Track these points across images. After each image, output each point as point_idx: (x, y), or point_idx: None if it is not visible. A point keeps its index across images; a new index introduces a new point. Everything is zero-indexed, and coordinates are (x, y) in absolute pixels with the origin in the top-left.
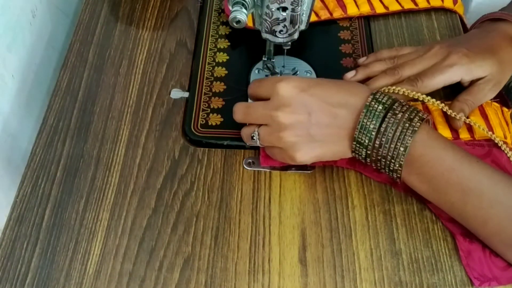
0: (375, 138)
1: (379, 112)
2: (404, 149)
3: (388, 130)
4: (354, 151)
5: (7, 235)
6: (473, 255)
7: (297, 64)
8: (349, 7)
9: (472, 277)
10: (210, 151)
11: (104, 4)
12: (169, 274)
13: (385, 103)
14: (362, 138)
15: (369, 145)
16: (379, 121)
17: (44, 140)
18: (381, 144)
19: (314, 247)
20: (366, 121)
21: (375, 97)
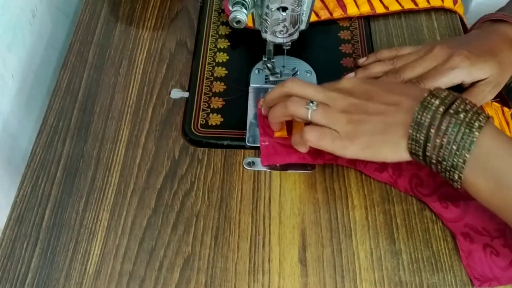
0: (434, 136)
1: (435, 107)
2: (465, 155)
3: (449, 130)
4: (411, 150)
5: (7, 235)
6: (473, 255)
7: (297, 64)
8: (349, 7)
9: (473, 277)
10: (210, 151)
11: (104, 4)
12: (169, 274)
13: (444, 98)
14: (417, 135)
15: (427, 145)
16: (437, 118)
17: (44, 140)
18: (441, 145)
19: (314, 247)
20: (420, 116)
21: (432, 92)
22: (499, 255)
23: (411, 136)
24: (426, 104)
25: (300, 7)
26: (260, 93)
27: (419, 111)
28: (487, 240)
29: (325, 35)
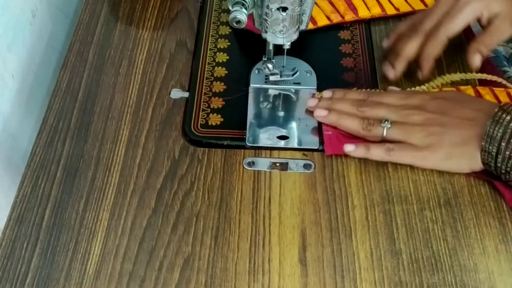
0: (505, 149)
1: (506, 122)
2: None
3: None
4: (484, 161)
5: (7, 235)
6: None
7: (297, 64)
8: (360, 10)
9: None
10: (210, 151)
11: (104, 4)
12: (169, 274)
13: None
14: (489, 147)
15: (498, 156)
16: (507, 132)
17: (44, 140)
18: (510, 156)
19: (314, 247)
20: (492, 130)
21: (502, 107)
22: None
23: (483, 148)
24: (497, 119)
25: (300, 7)
26: (260, 93)
27: (491, 125)
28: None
29: (325, 35)
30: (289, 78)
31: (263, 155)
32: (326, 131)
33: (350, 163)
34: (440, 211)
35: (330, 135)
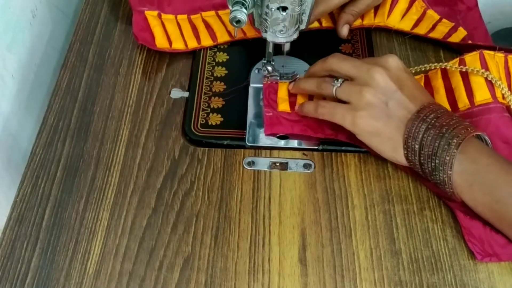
0: (426, 146)
1: (430, 119)
2: (446, 168)
3: (428, 144)
4: (406, 156)
5: (7, 235)
6: (473, 232)
7: (297, 64)
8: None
9: (475, 251)
10: (210, 151)
11: (104, 4)
12: (169, 274)
13: (429, 122)
14: (411, 142)
15: (421, 153)
16: (430, 129)
17: (44, 140)
18: (425, 157)
19: (314, 247)
20: (415, 125)
21: (430, 104)
22: (499, 232)
23: (405, 141)
24: (422, 116)
25: (300, 7)
26: (260, 93)
27: (415, 121)
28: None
29: (325, 35)
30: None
31: (263, 155)
32: (267, 112)
33: (350, 163)
34: (440, 211)
35: (270, 115)
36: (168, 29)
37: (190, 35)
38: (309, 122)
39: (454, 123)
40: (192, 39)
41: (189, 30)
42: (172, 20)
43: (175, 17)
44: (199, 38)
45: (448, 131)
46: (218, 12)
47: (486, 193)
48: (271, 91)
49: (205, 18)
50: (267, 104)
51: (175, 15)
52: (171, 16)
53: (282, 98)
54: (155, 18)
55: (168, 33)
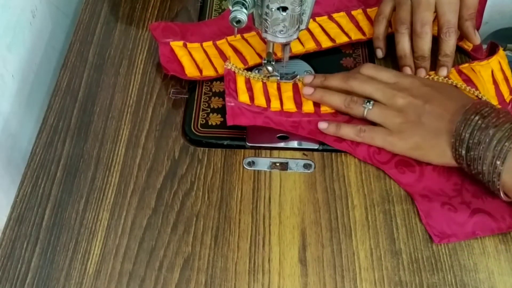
0: (472, 149)
1: (475, 123)
2: (499, 167)
3: (483, 145)
4: (456, 159)
5: (7, 235)
6: (432, 214)
7: (297, 64)
8: (293, 46)
9: (432, 234)
10: (210, 151)
11: (104, 4)
12: (169, 274)
13: (484, 113)
14: (458, 148)
15: (467, 156)
16: (475, 133)
17: (44, 140)
18: (479, 157)
19: (314, 247)
20: (461, 130)
21: (472, 107)
22: (456, 211)
23: (453, 146)
24: (467, 119)
25: (300, 7)
26: None
27: (460, 125)
28: (445, 199)
29: None
30: (288, 81)
31: (263, 155)
32: (228, 102)
33: (350, 163)
34: None
35: (232, 106)
36: (196, 58)
37: (219, 62)
38: (271, 115)
39: (502, 122)
40: (222, 65)
41: (217, 57)
42: (198, 48)
43: (201, 45)
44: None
45: (497, 132)
46: (243, 35)
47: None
48: (231, 79)
49: (232, 43)
50: (228, 93)
51: (200, 42)
52: (197, 45)
53: (242, 89)
54: (181, 48)
55: (196, 62)
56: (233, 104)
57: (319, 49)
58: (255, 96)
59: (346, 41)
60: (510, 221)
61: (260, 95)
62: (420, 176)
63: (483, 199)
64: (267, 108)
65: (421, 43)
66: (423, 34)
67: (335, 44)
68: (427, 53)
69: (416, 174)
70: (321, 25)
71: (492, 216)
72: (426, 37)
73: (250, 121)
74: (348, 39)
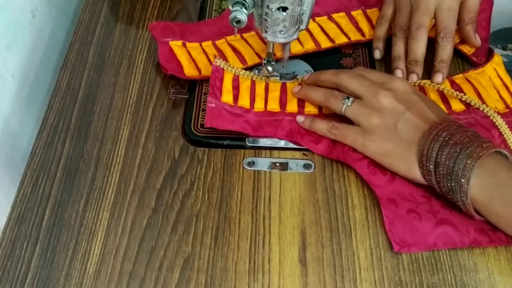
0: (441, 165)
1: (442, 138)
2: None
3: (445, 161)
4: (424, 176)
5: (7, 235)
6: (396, 221)
7: (297, 64)
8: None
9: (393, 241)
10: (210, 151)
11: (104, 4)
12: (169, 274)
13: (452, 131)
14: (426, 163)
15: (436, 172)
16: (441, 148)
17: (44, 140)
18: (443, 174)
19: (314, 247)
20: (427, 146)
21: (442, 122)
22: (421, 220)
23: (421, 161)
24: (435, 133)
25: (300, 7)
26: None
27: (427, 139)
28: (413, 205)
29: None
30: (288, 81)
31: (263, 155)
32: (209, 103)
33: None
34: None
35: (213, 107)
36: (195, 58)
37: None
38: (250, 117)
39: (468, 140)
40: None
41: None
42: (197, 48)
43: (200, 44)
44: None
45: (463, 149)
46: (243, 35)
47: (508, 204)
48: (217, 77)
49: (231, 42)
50: (212, 93)
51: (200, 42)
52: (196, 44)
53: (227, 88)
54: (180, 47)
55: (195, 62)
56: (214, 105)
57: (318, 49)
58: (240, 96)
59: (346, 42)
60: (474, 235)
61: (245, 95)
62: (391, 179)
63: (451, 210)
64: (249, 110)
65: (416, 46)
66: (418, 36)
67: (334, 45)
68: (420, 58)
69: (387, 177)
70: (320, 25)
71: (457, 228)
72: (421, 39)
73: (228, 124)
74: (348, 39)
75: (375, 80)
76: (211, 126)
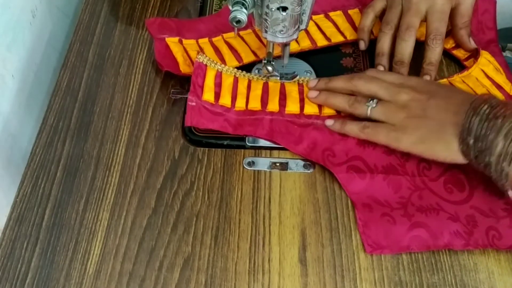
0: (481, 141)
1: (483, 112)
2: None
3: (490, 137)
4: (464, 152)
5: (7, 235)
6: (370, 224)
7: (297, 64)
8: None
9: (366, 243)
10: (210, 151)
11: (104, 4)
12: (169, 274)
13: (492, 104)
14: (467, 138)
15: (475, 146)
16: (483, 122)
17: (44, 140)
18: (483, 148)
19: (314, 247)
20: (469, 120)
21: (481, 97)
22: (395, 224)
23: (461, 136)
24: (475, 109)
25: (300, 7)
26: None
27: (469, 113)
28: (387, 210)
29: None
30: (288, 81)
31: (263, 155)
32: (190, 102)
33: None
34: None
35: (193, 106)
36: (191, 54)
37: (214, 58)
38: (231, 116)
39: (509, 114)
40: (217, 62)
41: (212, 53)
42: (193, 44)
43: (196, 41)
44: (224, 60)
45: (505, 123)
46: (239, 32)
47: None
48: (200, 73)
49: (227, 40)
50: (193, 91)
51: (196, 39)
52: (192, 41)
53: (209, 85)
54: (176, 44)
55: (191, 58)
56: (194, 103)
57: (314, 48)
58: (222, 94)
59: (342, 41)
60: (449, 239)
61: (227, 93)
62: (369, 184)
63: (427, 214)
64: (230, 108)
65: (403, 46)
66: (407, 36)
67: (330, 43)
68: (407, 59)
69: (365, 181)
70: (317, 23)
71: (431, 231)
72: (409, 40)
73: (208, 123)
74: (344, 38)
75: (392, 81)
76: (191, 125)
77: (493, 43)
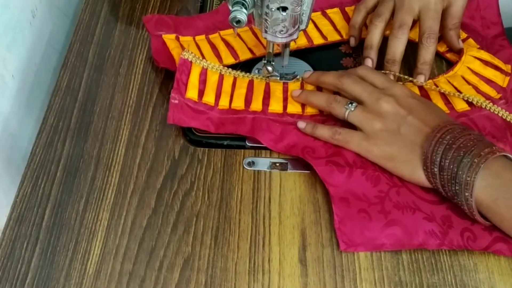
0: (445, 169)
1: (446, 141)
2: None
3: (449, 165)
4: (428, 178)
5: (7, 235)
6: (346, 220)
7: (297, 64)
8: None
9: (341, 240)
10: (210, 151)
11: (104, 4)
12: (169, 274)
13: (456, 135)
14: (431, 166)
15: (441, 175)
16: (445, 152)
17: (44, 140)
18: (446, 180)
19: (314, 247)
20: (432, 149)
21: (447, 124)
22: (371, 221)
23: (425, 163)
24: (438, 137)
25: (300, 7)
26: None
27: (431, 144)
28: (364, 205)
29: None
30: (288, 81)
31: (263, 155)
32: (173, 99)
33: None
34: None
35: (176, 104)
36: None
37: (210, 55)
38: (214, 115)
39: (472, 144)
40: (213, 59)
41: (209, 50)
42: (190, 41)
43: (193, 38)
44: (220, 57)
45: (467, 153)
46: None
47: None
48: (184, 70)
49: (224, 37)
50: (176, 88)
51: (193, 36)
52: (189, 38)
53: (193, 83)
54: (173, 41)
55: None
56: (177, 101)
57: (310, 46)
58: (206, 92)
59: (338, 40)
60: (424, 238)
61: (211, 91)
62: (348, 177)
63: (404, 211)
64: (214, 107)
65: (395, 44)
66: (399, 34)
67: (326, 42)
68: (398, 57)
69: (343, 175)
70: (314, 21)
71: (406, 230)
72: (402, 38)
73: (190, 121)
74: (340, 37)
75: (378, 84)
76: (173, 123)
77: (500, 37)
